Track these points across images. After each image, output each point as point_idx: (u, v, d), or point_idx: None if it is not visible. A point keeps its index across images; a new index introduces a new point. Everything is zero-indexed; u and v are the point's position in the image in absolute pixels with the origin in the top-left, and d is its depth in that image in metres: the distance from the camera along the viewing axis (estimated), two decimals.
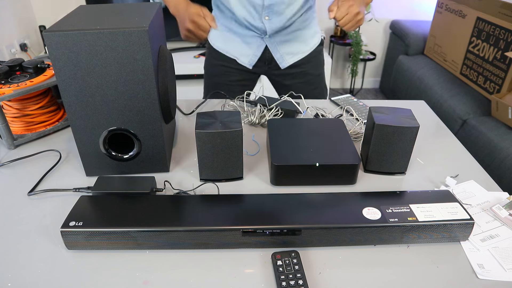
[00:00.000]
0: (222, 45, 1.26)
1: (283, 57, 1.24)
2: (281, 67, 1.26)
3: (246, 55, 1.24)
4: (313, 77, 1.30)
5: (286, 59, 1.24)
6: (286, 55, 1.24)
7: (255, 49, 1.22)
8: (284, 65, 1.25)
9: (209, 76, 1.34)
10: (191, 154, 0.91)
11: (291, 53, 1.24)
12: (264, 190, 0.80)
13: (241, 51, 1.24)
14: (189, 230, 0.63)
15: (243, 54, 1.24)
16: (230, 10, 1.15)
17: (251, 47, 1.22)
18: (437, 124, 1.07)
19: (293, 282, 0.58)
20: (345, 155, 0.79)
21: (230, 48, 1.25)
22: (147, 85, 0.72)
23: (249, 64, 1.25)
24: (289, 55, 1.24)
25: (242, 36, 1.20)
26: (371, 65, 3.20)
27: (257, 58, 1.24)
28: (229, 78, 1.29)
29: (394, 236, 0.66)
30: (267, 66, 1.27)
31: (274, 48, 1.21)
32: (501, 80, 1.88)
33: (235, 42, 1.23)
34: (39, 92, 0.94)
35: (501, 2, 1.90)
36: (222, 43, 1.26)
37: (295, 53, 1.24)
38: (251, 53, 1.23)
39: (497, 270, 0.63)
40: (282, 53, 1.23)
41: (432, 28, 2.49)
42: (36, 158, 0.89)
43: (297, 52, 1.25)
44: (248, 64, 1.25)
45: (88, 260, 0.64)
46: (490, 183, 0.83)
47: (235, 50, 1.24)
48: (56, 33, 0.65)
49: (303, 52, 1.25)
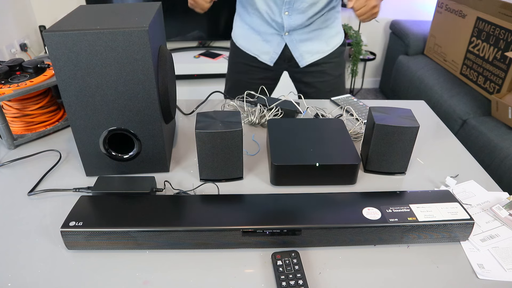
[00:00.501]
0: (243, 42, 1.28)
1: (302, 56, 1.24)
2: (300, 65, 1.26)
3: (266, 53, 1.26)
4: (332, 77, 1.30)
5: (305, 57, 1.25)
6: (305, 54, 1.24)
7: (275, 47, 1.23)
8: (303, 64, 1.26)
9: (232, 72, 1.36)
10: (191, 154, 0.91)
11: (311, 52, 1.24)
12: (264, 190, 0.80)
13: (262, 49, 1.25)
14: (189, 230, 0.63)
15: (264, 52, 1.26)
16: (252, 5, 1.17)
17: (271, 45, 1.23)
18: (437, 124, 1.07)
19: (293, 282, 0.58)
20: (345, 155, 0.79)
21: (251, 46, 1.27)
22: (147, 85, 0.72)
23: (270, 61, 1.27)
24: (309, 54, 1.24)
25: (263, 33, 1.22)
26: (371, 65, 3.20)
27: (277, 56, 1.25)
28: (251, 75, 1.31)
29: (394, 236, 0.66)
30: (287, 64, 1.28)
31: (293, 46, 1.22)
32: (501, 80, 1.88)
33: (256, 40, 1.25)
34: (39, 92, 0.94)
35: (501, 2, 1.90)
36: (244, 41, 1.28)
37: (314, 52, 1.24)
38: (271, 51, 1.24)
39: (497, 270, 0.63)
40: (302, 51, 1.23)
41: (432, 28, 2.49)
42: (36, 158, 0.89)
43: (317, 52, 1.25)
44: (269, 61, 1.27)
45: (88, 260, 0.64)
46: (490, 183, 0.83)
47: (256, 48, 1.26)
48: (56, 33, 0.65)
49: (323, 52, 1.25)
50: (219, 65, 2.50)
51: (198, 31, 2.61)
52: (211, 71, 2.52)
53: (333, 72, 1.29)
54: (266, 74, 1.31)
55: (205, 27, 2.61)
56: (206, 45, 2.72)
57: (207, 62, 2.51)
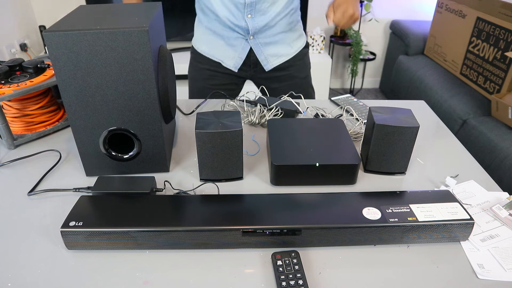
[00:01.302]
0: (206, 48, 1.26)
1: (267, 59, 1.24)
2: (266, 69, 1.25)
3: (231, 58, 1.24)
4: (300, 80, 1.31)
5: (270, 61, 1.24)
6: (270, 57, 1.24)
7: (240, 51, 1.22)
8: (269, 67, 1.25)
9: (194, 80, 1.32)
10: (191, 154, 0.91)
11: (276, 55, 1.24)
12: (264, 190, 0.80)
13: (226, 54, 1.23)
14: (189, 230, 0.63)
15: (228, 57, 1.24)
16: (213, 12, 1.15)
17: (235, 49, 1.21)
18: (437, 124, 1.07)
19: (293, 282, 0.58)
20: (345, 155, 0.79)
21: (215, 51, 1.24)
22: (147, 85, 0.72)
23: (235, 67, 1.25)
24: (274, 57, 1.24)
25: (226, 38, 1.20)
26: (371, 65, 3.20)
27: (242, 61, 1.23)
28: (213, 82, 1.28)
29: (394, 236, 0.66)
30: (252, 70, 1.27)
31: (258, 50, 1.21)
32: (501, 80, 1.88)
33: (219, 45, 1.22)
34: (39, 92, 0.94)
35: (501, 2, 1.90)
36: (207, 47, 1.25)
37: (279, 55, 1.24)
38: (236, 56, 1.23)
39: (497, 270, 0.63)
40: (267, 55, 1.23)
41: (432, 28, 2.49)
42: (36, 158, 0.89)
43: (282, 54, 1.25)
44: (233, 67, 1.25)
45: (88, 260, 0.64)
46: (490, 183, 0.83)
47: (220, 53, 1.24)
48: (56, 33, 0.65)
49: (288, 54, 1.25)
50: None
51: None
52: None
53: (299, 74, 1.30)
54: (230, 80, 1.29)
55: None
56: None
57: None
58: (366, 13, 2.94)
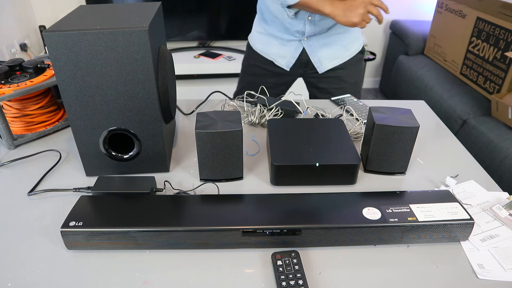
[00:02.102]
0: (261, 46, 1.27)
1: (321, 61, 1.23)
2: (319, 71, 1.24)
3: (283, 57, 1.24)
4: (348, 85, 1.28)
5: (323, 63, 1.23)
6: (324, 59, 1.22)
7: (293, 51, 1.22)
8: (322, 70, 1.24)
9: (246, 74, 1.35)
10: (191, 154, 0.91)
11: (329, 58, 1.22)
12: (264, 190, 0.80)
13: (279, 53, 1.24)
14: (189, 230, 0.63)
15: (281, 56, 1.24)
16: (272, 13, 1.16)
17: (288, 49, 1.22)
18: (437, 124, 1.07)
19: (293, 282, 0.58)
20: (345, 155, 0.79)
21: (269, 50, 1.25)
22: (147, 85, 0.72)
23: (287, 66, 1.25)
24: (327, 59, 1.23)
25: (281, 39, 1.21)
26: (371, 65, 3.20)
27: (294, 60, 1.23)
28: (265, 79, 1.30)
29: (394, 236, 0.66)
30: (303, 69, 1.27)
31: (312, 52, 1.21)
32: (501, 80, 1.88)
33: (273, 44, 1.23)
34: (39, 92, 0.94)
35: (501, 2, 1.90)
36: (261, 45, 1.27)
37: (333, 57, 1.23)
38: (288, 55, 1.23)
39: (497, 270, 0.63)
40: (320, 57, 1.22)
41: (432, 28, 2.49)
42: (36, 158, 0.89)
43: (336, 57, 1.23)
44: (285, 66, 1.25)
45: (88, 260, 0.64)
46: (490, 183, 0.83)
47: (273, 52, 1.25)
48: (56, 33, 0.65)
49: (342, 57, 1.24)
50: (219, 65, 2.50)
51: (198, 31, 2.61)
52: (211, 71, 2.52)
53: (349, 79, 1.28)
54: (281, 79, 1.30)
55: (205, 27, 2.61)
56: (206, 45, 2.72)
57: (207, 62, 2.51)
58: None
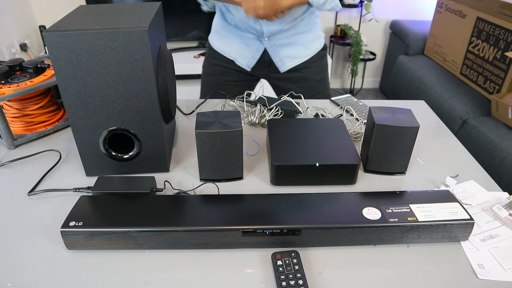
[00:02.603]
0: (221, 45, 1.26)
1: (282, 61, 1.22)
2: (281, 70, 1.24)
3: (244, 57, 1.23)
4: (314, 82, 1.28)
5: (285, 62, 1.23)
6: (285, 59, 1.22)
7: (254, 51, 1.21)
8: (284, 69, 1.24)
9: (207, 75, 1.33)
10: (191, 154, 0.91)
11: (291, 57, 1.22)
12: (264, 190, 0.79)
13: (240, 53, 1.23)
14: (189, 230, 0.63)
15: (242, 56, 1.23)
16: (230, 12, 1.15)
17: (250, 49, 1.21)
18: (437, 124, 1.07)
19: (293, 282, 0.58)
20: (345, 155, 0.79)
21: (229, 49, 1.24)
22: (147, 85, 0.72)
23: (248, 66, 1.25)
24: (289, 58, 1.22)
25: (241, 37, 1.20)
26: (371, 65, 3.20)
27: (255, 61, 1.23)
28: (227, 78, 1.28)
29: (394, 236, 0.66)
30: (266, 70, 1.26)
31: (273, 51, 1.20)
32: (501, 80, 1.88)
33: (234, 43, 1.22)
34: (39, 92, 0.94)
35: (501, 2, 1.90)
36: (222, 44, 1.26)
37: (295, 57, 1.23)
38: (249, 55, 1.22)
39: (497, 270, 0.63)
40: (282, 56, 1.22)
41: (432, 28, 2.49)
42: (36, 158, 0.89)
43: (297, 56, 1.23)
44: (246, 66, 1.25)
45: (88, 260, 0.64)
46: (490, 183, 0.83)
47: (234, 52, 1.24)
48: (56, 33, 0.65)
49: (304, 56, 1.24)
50: None
51: (198, 31, 2.61)
52: None
53: (315, 76, 1.28)
54: (243, 77, 1.29)
55: (205, 27, 2.61)
56: (206, 45, 2.72)
57: None
58: (366, 13, 2.94)
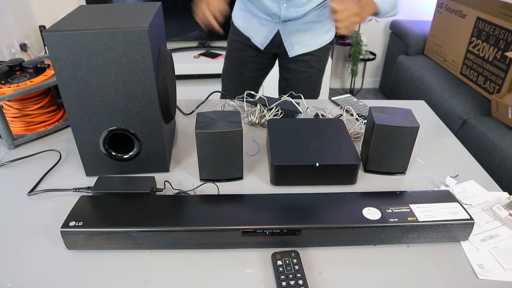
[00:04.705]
0: (241, 22, 1.34)
1: (292, 45, 1.29)
2: (289, 55, 1.31)
3: (259, 35, 1.30)
4: (313, 71, 1.35)
5: (295, 48, 1.29)
6: (295, 44, 1.29)
7: (268, 32, 1.28)
8: (292, 54, 1.30)
9: (229, 50, 1.43)
10: (191, 154, 0.91)
11: (301, 44, 1.29)
12: (264, 190, 0.79)
13: (256, 31, 1.30)
14: (189, 230, 0.63)
15: (257, 34, 1.31)
16: None
17: (265, 29, 1.28)
18: (437, 124, 1.07)
19: (293, 282, 0.58)
20: (345, 155, 0.79)
21: (247, 27, 1.32)
22: (147, 85, 0.72)
23: (261, 45, 1.32)
24: (299, 45, 1.29)
25: (259, 18, 1.27)
26: (371, 65, 3.20)
27: (268, 41, 1.30)
28: (245, 53, 1.37)
29: (394, 236, 0.66)
30: (276, 49, 1.33)
31: (285, 35, 1.27)
32: (501, 80, 1.88)
33: (252, 22, 1.30)
34: (39, 92, 0.94)
35: (501, 2, 1.90)
36: (241, 21, 1.34)
37: (304, 44, 1.29)
38: (264, 35, 1.29)
39: (497, 270, 0.63)
40: (292, 41, 1.28)
41: (432, 28, 2.49)
42: (36, 158, 0.89)
43: (307, 44, 1.29)
44: (260, 44, 1.32)
45: (88, 260, 0.64)
46: (490, 183, 0.83)
47: (251, 29, 1.31)
48: (56, 33, 0.65)
49: (313, 45, 1.30)
50: (219, 65, 2.49)
51: (198, 31, 2.61)
52: (211, 71, 2.52)
53: (316, 65, 1.34)
54: (257, 54, 1.37)
55: None
56: (206, 45, 2.72)
57: (207, 62, 2.51)
58: None
